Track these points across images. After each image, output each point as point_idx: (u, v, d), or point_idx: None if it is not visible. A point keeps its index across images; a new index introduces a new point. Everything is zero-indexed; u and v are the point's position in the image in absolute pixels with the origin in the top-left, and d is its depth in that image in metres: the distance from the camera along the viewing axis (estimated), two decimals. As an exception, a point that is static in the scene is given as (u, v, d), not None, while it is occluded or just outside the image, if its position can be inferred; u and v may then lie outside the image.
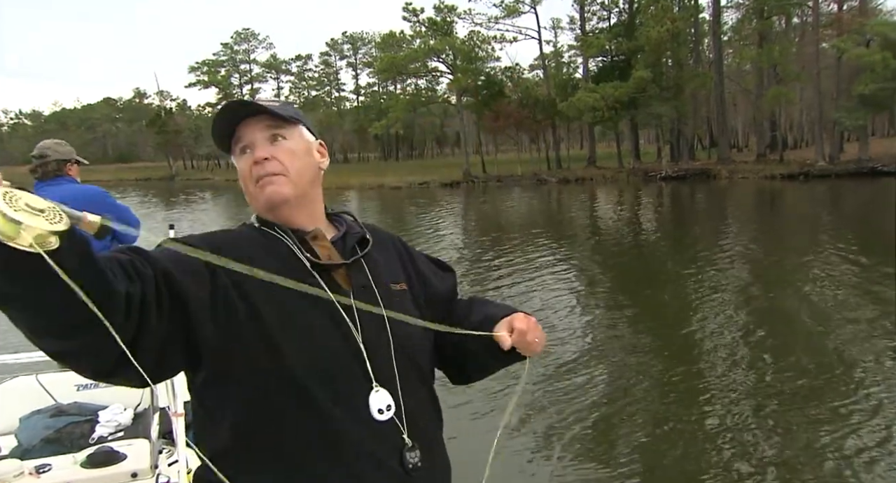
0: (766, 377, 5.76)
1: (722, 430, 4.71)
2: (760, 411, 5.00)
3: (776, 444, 4.45)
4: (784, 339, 6.90)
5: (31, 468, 1.99)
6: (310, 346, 1.06)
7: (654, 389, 5.61)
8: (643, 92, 36.47)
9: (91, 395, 2.49)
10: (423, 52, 44.01)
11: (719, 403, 5.19)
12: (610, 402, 5.35)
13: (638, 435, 4.72)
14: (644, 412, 5.10)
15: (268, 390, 1.04)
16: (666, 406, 5.22)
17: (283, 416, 1.05)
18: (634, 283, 10.60)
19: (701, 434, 4.69)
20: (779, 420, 4.83)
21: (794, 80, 38.27)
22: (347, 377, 1.08)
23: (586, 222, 20.64)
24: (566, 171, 42.22)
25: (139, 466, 2.03)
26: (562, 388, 5.63)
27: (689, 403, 5.25)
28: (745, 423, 4.79)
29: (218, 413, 1.07)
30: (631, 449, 4.52)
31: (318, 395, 1.05)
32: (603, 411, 5.16)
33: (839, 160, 33.55)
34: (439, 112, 68.13)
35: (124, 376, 0.92)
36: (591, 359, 6.49)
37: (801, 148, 49.70)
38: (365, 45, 77.58)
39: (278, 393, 1.04)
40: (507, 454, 4.27)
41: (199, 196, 39.44)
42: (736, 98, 52.26)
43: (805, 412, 4.93)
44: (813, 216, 19.21)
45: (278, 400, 1.04)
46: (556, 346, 6.74)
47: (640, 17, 39.48)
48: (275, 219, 1.17)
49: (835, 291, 8.92)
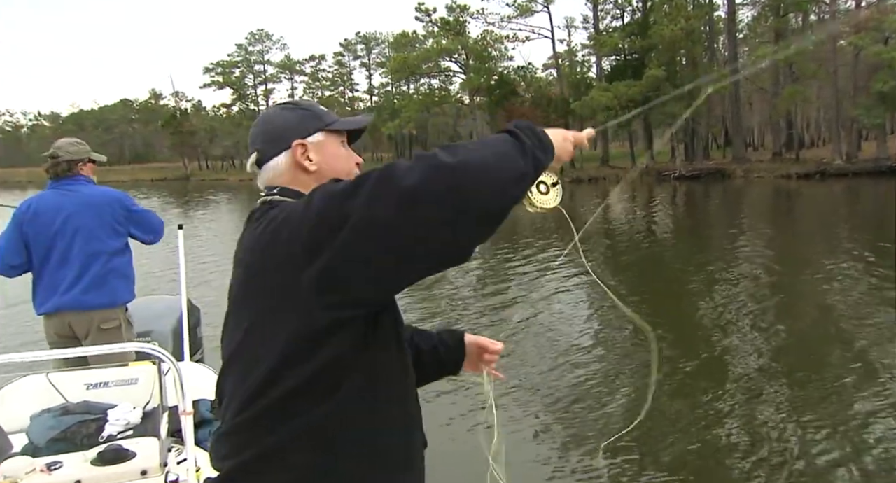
0: (785, 378, 5.71)
1: (742, 434, 4.67)
2: (782, 415, 4.95)
3: (802, 450, 4.40)
4: (802, 343, 6.83)
5: (43, 465, 2.02)
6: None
7: (665, 389, 5.57)
8: (657, 91, 36.25)
9: (100, 393, 2.51)
10: (436, 51, 44.11)
11: (736, 402, 5.15)
12: (619, 405, 5.32)
13: (649, 438, 4.69)
14: (657, 413, 5.06)
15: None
16: (676, 408, 5.18)
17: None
18: (647, 284, 10.54)
19: (721, 436, 4.65)
20: (802, 422, 4.77)
21: (810, 78, 37.85)
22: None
23: (598, 222, 20.53)
24: (579, 170, 42.07)
25: (149, 464, 2.05)
26: (569, 388, 5.61)
27: (703, 405, 5.21)
28: (770, 431, 4.74)
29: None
30: (642, 454, 4.49)
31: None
32: (611, 412, 5.13)
33: (857, 158, 33.14)
34: (452, 112, 68.03)
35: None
36: (599, 359, 6.46)
37: (818, 147, 49.14)
38: (378, 45, 77.75)
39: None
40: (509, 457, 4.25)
41: (214, 198, 39.71)
42: (751, 96, 51.77)
43: (827, 415, 4.88)
44: (829, 215, 18.99)
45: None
46: (563, 346, 6.72)
47: (653, 15, 39.23)
48: None
49: (854, 292, 8.81)
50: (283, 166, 1.29)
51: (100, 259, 3.28)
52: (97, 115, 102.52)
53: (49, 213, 3.29)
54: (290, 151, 1.28)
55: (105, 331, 3.24)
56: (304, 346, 1.08)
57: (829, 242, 13.13)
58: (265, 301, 1.11)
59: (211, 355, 4.41)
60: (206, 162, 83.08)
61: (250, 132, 1.35)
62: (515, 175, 1.05)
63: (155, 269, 10.75)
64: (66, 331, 3.26)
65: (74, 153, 3.39)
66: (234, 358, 1.18)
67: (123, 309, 3.39)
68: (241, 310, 1.17)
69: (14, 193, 47.55)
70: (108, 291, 3.30)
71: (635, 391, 5.50)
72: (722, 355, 6.49)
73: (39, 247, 3.28)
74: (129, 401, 2.48)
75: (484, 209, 1.00)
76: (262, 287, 1.12)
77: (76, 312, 3.23)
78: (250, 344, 1.14)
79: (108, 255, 3.31)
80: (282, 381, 1.09)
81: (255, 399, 1.11)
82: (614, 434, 4.49)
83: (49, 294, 3.25)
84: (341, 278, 1.03)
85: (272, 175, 1.30)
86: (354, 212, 0.98)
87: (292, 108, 1.34)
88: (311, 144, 1.29)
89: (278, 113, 1.34)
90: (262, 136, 1.31)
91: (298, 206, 1.10)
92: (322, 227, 1.02)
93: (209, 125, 75.31)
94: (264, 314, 1.11)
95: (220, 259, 13.56)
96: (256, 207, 1.27)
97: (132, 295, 3.44)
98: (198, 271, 11.38)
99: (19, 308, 7.96)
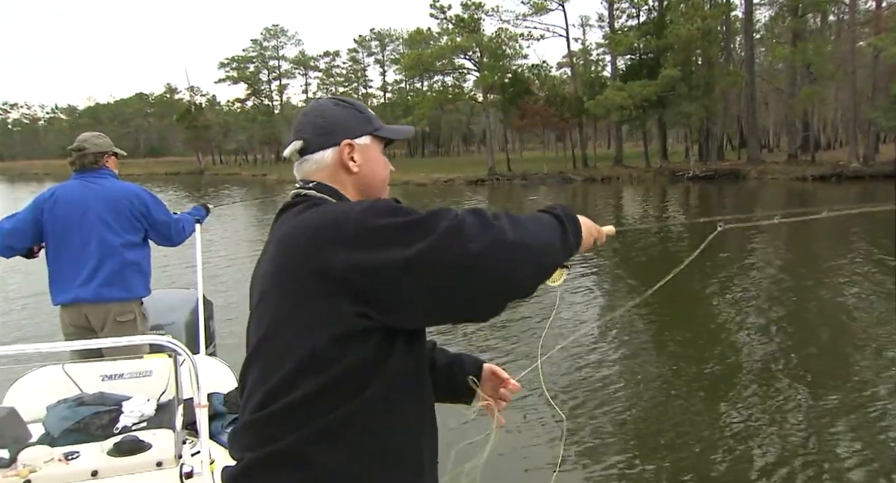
0: (798, 385, 5.67)
1: (753, 437, 4.65)
2: (795, 421, 4.92)
3: (814, 452, 4.38)
4: (814, 346, 6.78)
5: (61, 455, 2.04)
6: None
7: (676, 390, 5.55)
8: (672, 90, 36.00)
9: (114, 385, 2.53)
10: (450, 49, 43.94)
11: (744, 404, 5.12)
12: (628, 405, 5.31)
13: (656, 438, 4.68)
14: (665, 414, 5.05)
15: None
16: (686, 408, 5.17)
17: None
18: (656, 283, 10.47)
19: (730, 437, 4.63)
20: (815, 427, 4.75)
21: (828, 79, 37.42)
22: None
23: (611, 222, 20.44)
24: (592, 169, 41.91)
25: (164, 456, 2.07)
26: (577, 388, 5.60)
27: (714, 407, 5.19)
28: (784, 439, 4.71)
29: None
30: (650, 454, 4.49)
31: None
32: (620, 412, 5.12)
33: (874, 161, 32.76)
34: (466, 109, 68.01)
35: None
36: (609, 358, 6.44)
37: (834, 149, 48.63)
38: (392, 41, 77.77)
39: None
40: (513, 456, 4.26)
41: (227, 193, 39.92)
42: (767, 97, 51.30)
43: (842, 421, 4.84)
44: (845, 218, 18.79)
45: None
46: (574, 347, 6.71)
47: (670, 14, 38.91)
48: None
49: (870, 296, 8.72)
50: (327, 161, 1.30)
51: (118, 253, 3.31)
52: (113, 108, 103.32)
53: (72, 204, 3.31)
54: (337, 149, 1.30)
55: (121, 323, 3.27)
56: (332, 347, 1.09)
57: (844, 245, 13.00)
58: (298, 298, 1.12)
59: (223, 349, 4.45)
60: (219, 156, 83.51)
61: (298, 120, 1.35)
62: (553, 264, 1.22)
63: (170, 262, 10.83)
64: (83, 322, 3.29)
65: (101, 146, 3.42)
66: (259, 351, 1.18)
67: (139, 302, 3.42)
68: (270, 303, 1.17)
69: (31, 185, 48.11)
70: (125, 285, 3.32)
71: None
72: (734, 358, 6.45)
73: (57, 236, 3.30)
74: (144, 393, 2.50)
75: (520, 286, 1.15)
76: (296, 284, 1.12)
77: (93, 304, 3.26)
78: (276, 338, 1.14)
79: (125, 250, 3.33)
80: (305, 380, 1.10)
81: (278, 395, 1.12)
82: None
83: (67, 285, 3.28)
84: (382, 302, 1.09)
85: (314, 168, 1.31)
86: (415, 250, 1.06)
87: (346, 106, 1.35)
88: (357, 146, 1.31)
89: (331, 107, 1.34)
90: (313, 127, 1.32)
91: (351, 216, 1.12)
92: (377, 251, 1.07)
93: (223, 120, 75.63)
94: (294, 310, 1.12)
95: (232, 253, 13.66)
96: (290, 201, 1.27)
97: (148, 290, 3.46)
98: (211, 265, 11.44)
99: (38, 298, 8.07)
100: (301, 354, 1.10)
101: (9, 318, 8.54)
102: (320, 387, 1.10)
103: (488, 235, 1.08)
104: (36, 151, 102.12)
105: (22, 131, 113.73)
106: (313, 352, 1.10)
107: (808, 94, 35.43)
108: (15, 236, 3.30)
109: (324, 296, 1.09)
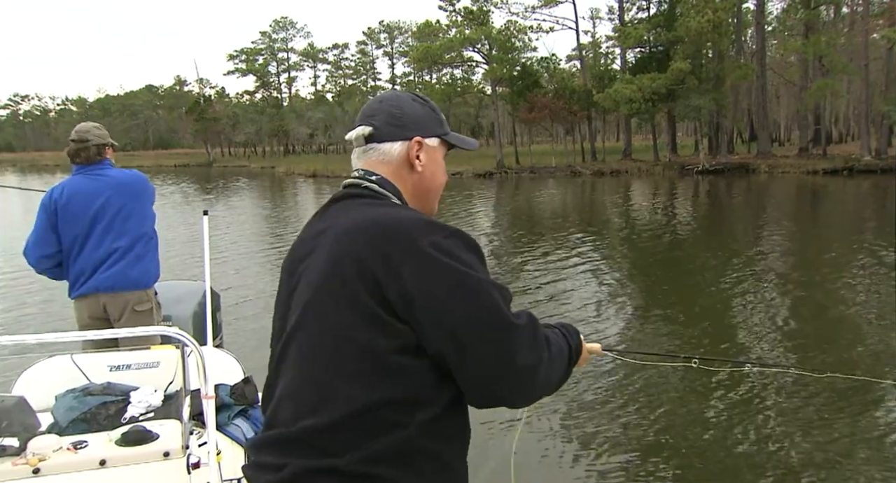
0: (806, 379, 5.64)
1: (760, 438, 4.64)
2: (801, 414, 4.90)
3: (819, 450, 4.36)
4: (823, 343, 6.75)
5: (69, 444, 2.06)
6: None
7: (682, 388, 5.54)
8: (681, 83, 35.71)
9: (122, 375, 2.55)
10: (459, 41, 43.72)
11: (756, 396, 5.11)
12: (635, 403, 5.30)
13: (667, 438, 4.68)
14: (671, 412, 5.04)
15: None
16: (692, 406, 5.16)
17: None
18: (669, 281, 10.45)
19: (739, 437, 4.62)
20: (821, 424, 4.73)
21: (841, 72, 37.02)
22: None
23: (620, 216, 20.39)
24: (601, 163, 41.71)
25: (171, 446, 2.09)
26: (588, 387, 5.60)
27: (721, 405, 5.17)
28: (788, 436, 4.70)
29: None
30: (659, 452, 4.48)
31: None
32: (628, 409, 5.12)
33: (886, 155, 32.43)
34: (474, 102, 67.79)
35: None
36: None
37: (846, 142, 48.20)
38: (401, 34, 77.54)
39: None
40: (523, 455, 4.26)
41: (238, 185, 40.04)
42: (779, 90, 50.85)
43: (847, 419, 4.82)
44: (856, 213, 18.65)
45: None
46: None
47: (680, 6, 38.50)
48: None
49: (881, 291, 8.66)
50: (395, 154, 1.26)
51: (139, 241, 3.34)
52: (123, 100, 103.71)
53: (86, 198, 3.30)
54: (407, 144, 1.26)
55: (139, 312, 3.29)
56: (397, 356, 1.07)
57: (855, 239, 12.90)
58: (359, 303, 1.07)
59: (229, 340, 4.47)
60: (228, 149, 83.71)
61: (371, 105, 1.30)
62: (559, 385, 1.29)
63: (175, 253, 10.88)
64: (100, 312, 3.30)
65: (102, 137, 3.42)
66: (304, 357, 1.13)
67: (154, 291, 3.44)
68: (323, 301, 1.11)
69: (43, 177, 48.43)
70: (143, 272, 3.35)
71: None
72: (742, 353, 6.43)
73: (72, 232, 3.29)
74: (151, 383, 2.52)
75: (516, 405, 1.20)
76: (359, 287, 1.08)
77: (112, 294, 3.28)
78: (330, 340, 1.09)
79: (145, 237, 3.38)
80: (369, 391, 1.06)
81: (334, 404, 1.06)
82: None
83: (86, 276, 3.28)
84: (435, 351, 1.09)
85: (380, 159, 1.26)
86: (476, 315, 1.07)
87: (423, 104, 1.31)
88: (426, 145, 1.28)
89: (408, 101, 1.30)
90: (387, 116, 1.26)
91: (432, 234, 1.10)
92: (445, 282, 1.07)
93: (232, 112, 75.78)
94: (354, 314, 1.08)
95: (239, 245, 13.71)
96: (352, 191, 1.24)
97: (158, 277, 3.49)
98: (217, 257, 11.49)
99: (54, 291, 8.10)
100: (363, 365, 1.07)
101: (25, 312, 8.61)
102: (386, 400, 1.06)
103: (534, 360, 1.13)
104: (47, 143, 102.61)
105: (33, 123, 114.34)
106: (378, 360, 1.06)
107: (820, 87, 35.05)
108: (42, 244, 3.30)
109: (387, 305, 1.06)
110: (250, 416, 2.55)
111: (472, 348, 1.07)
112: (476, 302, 1.07)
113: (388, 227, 1.10)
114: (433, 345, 1.08)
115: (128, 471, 2.03)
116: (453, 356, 1.08)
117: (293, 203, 27.96)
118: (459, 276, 1.07)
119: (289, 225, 17.96)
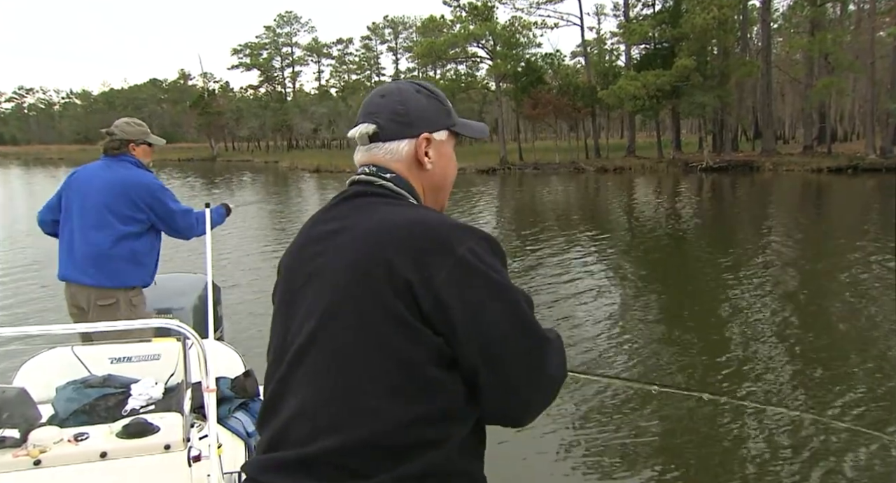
0: (809, 384, 5.64)
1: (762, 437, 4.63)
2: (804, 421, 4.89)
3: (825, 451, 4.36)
4: (826, 343, 6.73)
5: (70, 436, 2.07)
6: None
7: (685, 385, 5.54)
8: (686, 80, 35.58)
9: (122, 368, 2.55)
10: (463, 37, 43.64)
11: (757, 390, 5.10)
12: (637, 400, 5.30)
13: (667, 436, 4.67)
14: (673, 410, 5.04)
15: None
16: (696, 403, 5.15)
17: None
18: (671, 279, 10.44)
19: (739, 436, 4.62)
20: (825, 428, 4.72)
21: (846, 70, 36.84)
22: None
23: (623, 213, 20.36)
24: (605, 160, 41.63)
25: (172, 439, 2.09)
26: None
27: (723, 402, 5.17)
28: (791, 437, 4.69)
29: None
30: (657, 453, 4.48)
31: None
32: (629, 406, 5.11)
33: (891, 153, 32.30)
34: (478, 98, 67.69)
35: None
36: (619, 353, 6.43)
37: (851, 141, 48.01)
38: (406, 29, 77.47)
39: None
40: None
41: (244, 179, 40.07)
42: (784, 88, 50.64)
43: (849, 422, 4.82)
44: (860, 211, 18.59)
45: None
46: (585, 340, 6.70)
47: (685, 3, 38.39)
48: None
49: (884, 290, 8.64)
50: (402, 153, 1.19)
51: (108, 240, 3.30)
52: (127, 94, 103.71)
53: (85, 185, 3.39)
54: (414, 142, 1.19)
55: (102, 307, 3.28)
56: (430, 368, 1.00)
57: (859, 238, 12.86)
58: (387, 311, 1.00)
59: (230, 334, 4.48)
60: (232, 143, 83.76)
61: (373, 100, 1.22)
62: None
63: (178, 245, 10.87)
64: (75, 300, 3.35)
65: (128, 133, 3.45)
66: (325, 370, 1.03)
67: (128, 289, 3.37)
68: (345, 308, 1.03)
69: (48, 170, 48.54)
70: (109, 273, 3.30)
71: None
72: (745, 353, 6.42)
73: (65, 213, 3.42)
74: (152, 376, 2.52)
75: (543, 407, 1.15)
76: (386, 291, 1.01)
77: (77, 285, 3.32)
78: (354, 350, 1.01)
79: (118, 238, 3.31)
80: (409, 409, 0.99)
81: (362, 421, 0.99)
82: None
83: (63, 262, 3.38)
84: (468, 363, 1.04)
85: (387, 158, 1.18)
86: (518, 347, 1.04)
87: (428, 95, 1.23)
88: (434, 141, 1.21)
89: (414, 94, 1.21)
90: (392, 113, 1.18)
91: (463, 238, 1.04)
92: (478, 288, 1.02)
93: (236, 106, 75.82)
94: (381, 323, 1.01)
95: (240, 239, 13.72)
96: (365, 188, 1.16)
97: (142, 281, 3.43)
98: (218, 250, 11.50)
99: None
100: (398, 378, 1.00)
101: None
102: (423, 416, 1.00)
103: (562, 375, 1.12)
104: (51, 136, 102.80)
105: (37, 116, 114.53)
106: (414, 373, 1.00)
107: (826, 85, 34.90)
108: (47, 210, 3.50)
109: (421, 314, 1.00)
110: (251, 409, 2.55)
111: (509, 362, 1.03)
112: (512, 314, 1.04)
113: (421, 231, 1.04)
114: (468, 356, 1.02)
115: (128, 463, 2.03)
116: (487, 368, 1.02)
117: (298, 198, 27.97)
118: (494, 285, 1.03)
119: (294, 221, 17.97)
